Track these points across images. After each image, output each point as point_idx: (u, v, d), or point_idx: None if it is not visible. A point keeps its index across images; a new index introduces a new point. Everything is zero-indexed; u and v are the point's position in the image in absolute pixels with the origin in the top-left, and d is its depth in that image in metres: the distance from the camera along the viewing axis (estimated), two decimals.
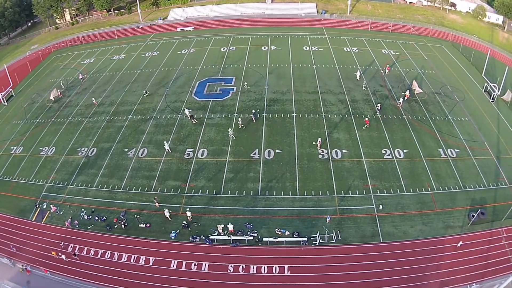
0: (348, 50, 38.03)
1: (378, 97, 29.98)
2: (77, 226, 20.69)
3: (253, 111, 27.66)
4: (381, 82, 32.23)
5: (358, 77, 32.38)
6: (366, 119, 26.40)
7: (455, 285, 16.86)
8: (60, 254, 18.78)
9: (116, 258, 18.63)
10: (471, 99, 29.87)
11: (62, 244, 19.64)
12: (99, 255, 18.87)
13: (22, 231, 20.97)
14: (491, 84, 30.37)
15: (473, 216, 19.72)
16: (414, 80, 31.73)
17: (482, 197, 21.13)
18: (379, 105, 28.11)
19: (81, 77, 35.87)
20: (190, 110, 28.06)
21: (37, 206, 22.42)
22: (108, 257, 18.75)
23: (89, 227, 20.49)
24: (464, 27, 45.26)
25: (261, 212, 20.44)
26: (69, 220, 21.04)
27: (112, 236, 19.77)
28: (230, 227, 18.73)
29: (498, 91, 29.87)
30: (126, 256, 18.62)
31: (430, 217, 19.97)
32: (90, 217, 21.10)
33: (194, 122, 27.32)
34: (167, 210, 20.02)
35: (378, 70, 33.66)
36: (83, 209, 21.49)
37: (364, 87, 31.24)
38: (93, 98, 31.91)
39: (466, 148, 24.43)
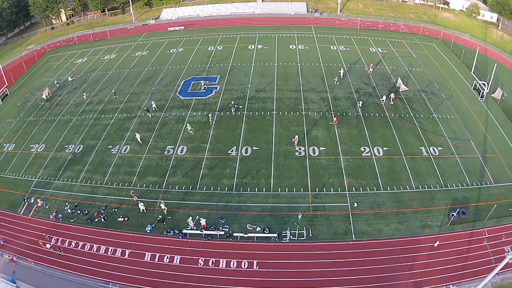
0: (335, 48, 37.88)
1: (361, 95, 29.87)
2: (61, 219, 21.34)
3: (232, 102, 28.25)
4: (366, 80, 32.14)
5: (342, 75, 32.38)
6: (335, 119, 26.27)
7: (430, 286, 16.37)
8: (45, 244, 19.57)
9: (95, 250, 19.22)
10: (458, 97, 29.47)
11: (47, 236, 20.34)
12: (79, 247, 19.50)
13: (10, 224, 21.70)
14: (480, 82, 29.78)
15: (453, 215, 19.03)
16: (399, 78, 31.45)
17: (464, 196, 20.54)
18: (360, 102, 28.09)
19: (70, 80, 36.22)
20: (155, 101, 29.40)
21: (25, 201, 23.12)
22: (88, 249, 19.36)
23: (71, 220, 21.12)
24: (456, 25, 44.57)
25: (234, 208, 20.73)
26: (54, 213, 21.71)
27: (92, 229, 20.37)
28: (203, 221, 19.11)
29: (487, 88, 29.28)
30: (104, 248, 19.21)
31: (407, 216, 19.53)
32: (73, 210, 21.74)
33: (150, 116, 28.38)
34: (141, 203, 20.61)
35: (364, 68, 33.53)
36: (67, 203, 22.14)
37: (337, 81, 31.39)
38: (84, 93, 32.82)
39: (450, 146, 24.03)
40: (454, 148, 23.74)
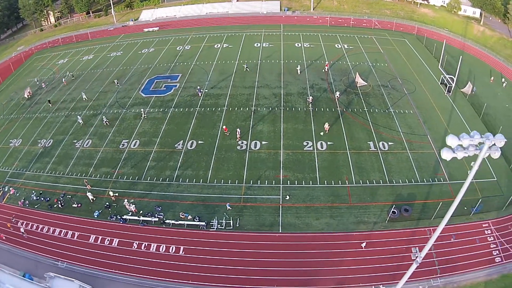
0: (299, 45, 37.93)
1: (315, 90, 30.10)
2: (27, 205, 23.15)
3: (198, 87, 30.31)
4: (323, 75, 32.25)
5: (299, 71, 32.75)
6: (224, 127, 25.68)
7: (356, 285, 15.67)
8: (20, 228, 21.27)
9: (51, 232, 20.94)
10: (423, 92, 28.80)
11: (14, 219, 22.26)
12: (39, 229, 21.23)
13: None
14: (448, 76, 28.98)
15: (393, 212, 17.98)
16: (357, 73, 31.34)
17: (411, 193, 19.50)
18: (310, 97, 28.21)
19: (43, 86, 36.64)
20: (85, 95, 32.78)
21: (0, 189, 25.09)
22: (46, 231, 21.06)
23: (35, 206, 22.87)
24: (435, 21, 43.43)
25: (171, 197, 21.76)
26: (22, 200, 23.54)
27: (52, 214, 22.05)
28: (132, 207, 20.66)
29: (454, 83, 28.43)
30: (59, 230, 20.92)
31: (340, 211, 18.99)
32: (38, 198, 23.50)
33: (50, 105, 32.19)
34: (90, 193, 22.21)
35: (325, 64, 33.43)
36: (33, 191, 23.84)
37: (246, 68, 32.79)
38: (63, 79, 35.31)
39: (403, 141, 23.27)
40: (407, 143, 22.99)
